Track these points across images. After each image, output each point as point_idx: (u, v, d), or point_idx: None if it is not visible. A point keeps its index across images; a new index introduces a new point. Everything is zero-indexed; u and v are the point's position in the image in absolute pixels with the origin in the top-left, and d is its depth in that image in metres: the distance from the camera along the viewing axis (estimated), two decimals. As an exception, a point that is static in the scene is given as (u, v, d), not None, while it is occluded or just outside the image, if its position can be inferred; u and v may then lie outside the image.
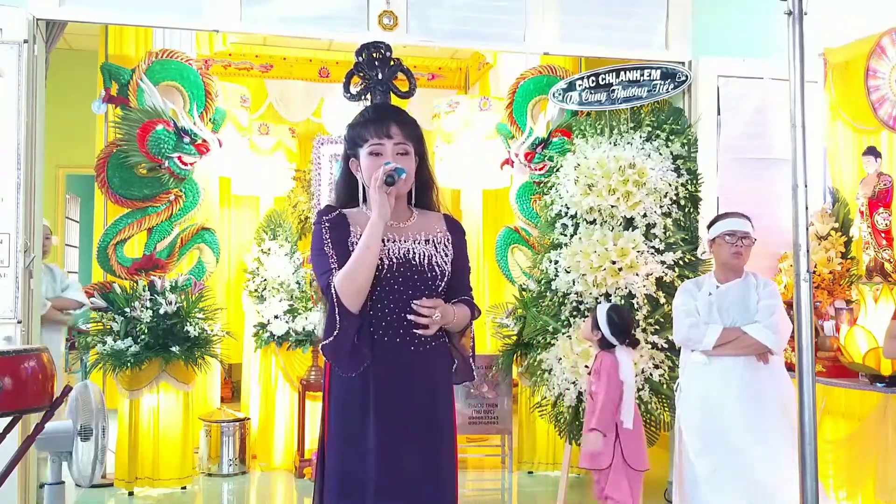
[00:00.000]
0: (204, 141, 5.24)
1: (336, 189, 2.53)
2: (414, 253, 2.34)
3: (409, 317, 2.28)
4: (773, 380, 3.59)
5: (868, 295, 4.27)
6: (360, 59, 2.96)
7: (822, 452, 3.58)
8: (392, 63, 2.95)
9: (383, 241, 2.30)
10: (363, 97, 2.94)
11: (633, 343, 3.86)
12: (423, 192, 2.47)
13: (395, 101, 2.94)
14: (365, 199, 2.40)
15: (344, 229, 2.34)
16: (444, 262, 2.38)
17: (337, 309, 2.24)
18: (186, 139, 5.18)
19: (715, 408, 3.62)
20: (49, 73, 4.55)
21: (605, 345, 3.79)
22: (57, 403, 2.72)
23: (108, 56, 5.25)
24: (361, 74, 2.97)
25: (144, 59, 5.17)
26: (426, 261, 2.34)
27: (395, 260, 2.31)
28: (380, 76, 2.93)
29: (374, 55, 2.93)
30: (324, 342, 2.29)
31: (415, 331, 2.28)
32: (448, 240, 2.42)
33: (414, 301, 2.29)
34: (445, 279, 2.38)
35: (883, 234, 4.44)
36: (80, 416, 2.78)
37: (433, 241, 2.39)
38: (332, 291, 2.24)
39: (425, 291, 2.32)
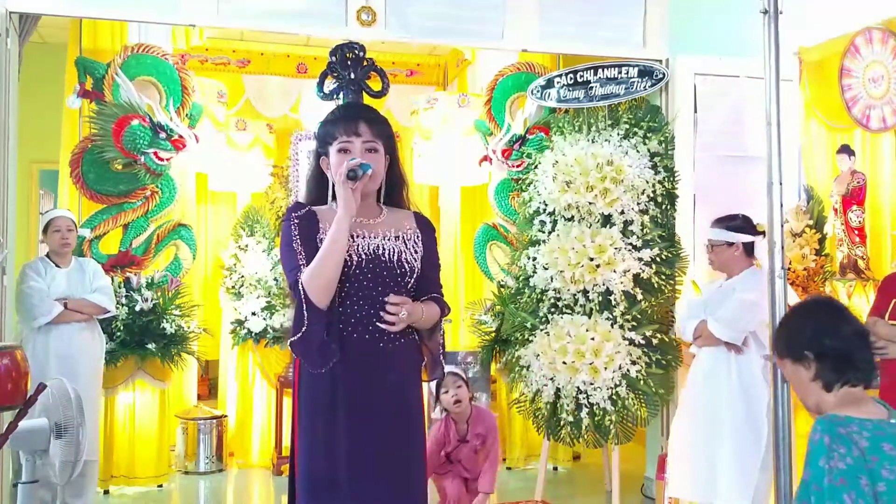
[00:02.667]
0: (180, 136, 5.20)
1: (307, 186, 2.53)
2: (384, 249, 2.35)
3: (382, 314, 2.28)
4: (738, 371, 3.73)
5: (842, 291, 4.33)
6: (334, 58, 2.98)
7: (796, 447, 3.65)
8: (365, 63, 2.97)
9: (353, 236, 2.30)
10: (336, 96, 2.95)
11: None
12: (393, 190, 2.49)
13: (367, 100, 2.94)
14: (335, 197, 2.40)
15: (313, 226, 2.34)
16: (414, 258, 2.39)
17: (304, 305, 2.24)
18: (162, 135, 5.13)
19: (694, 394, 3.93)
20: (22, 66, 4.49)
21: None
22: (31, 402, 2.69)
23: (83, 50, 5.19)
24: (335, 74, 2.98)
25: (120, 54, 5.12)
26: (395, 257, 2.35)
27: (364, 256, 2.31)
28: (352, 76, 2.94)
29: (348, 55, 2.95)
30: (292, 338, 2.28)
31: (379, 324, 2.29)
32: (418, 237, 2.43)
33: (386, 298, 2.30)
34: (415, 276, 2.39)
35: (856, 231, 4.50)
36: (55, 414, 2.75)
37: (403, 237, 2.40)
38: (300, 288, 2.24)
39: (394, 288, 2.33)
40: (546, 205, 4.79)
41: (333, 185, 2.39)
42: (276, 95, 7.07)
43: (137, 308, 4.97)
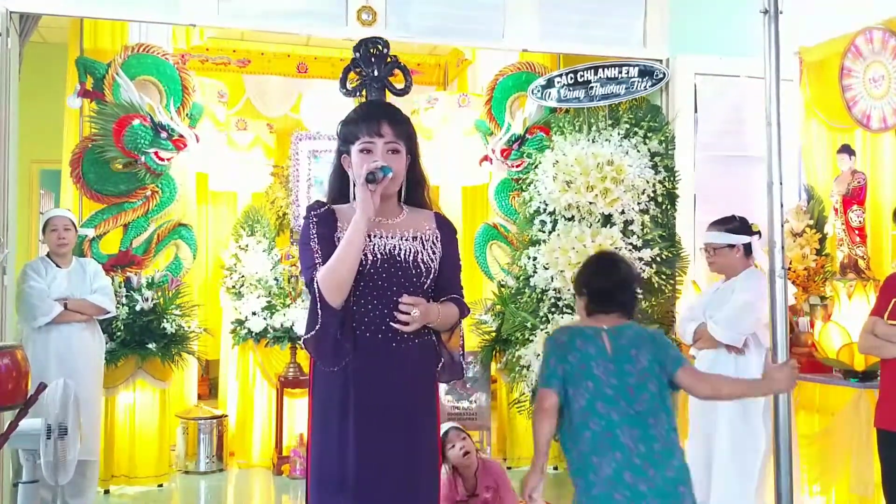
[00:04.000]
0: (181, 136, 5.20)
1: (329, 184, 2.52)
2: (400, 249, 2.34)
3: (395, 313, 2.28)
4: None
5: (842, 291, 4.32)
6: (357, 54, 2.96)
7: (796, 447, 3.65)
8: (389, 60, 2.96)
9: (370, 236, 2.30)
10: (358, 93, 2.94)
11: None
12: (414, 190, 2.47)
13: (389, 97, 2.93)
14: (356, 196, 2.40)
15: (331, 225, 2.34)
16: (431, 259, 2.38)
17: (318, 303, 2.25)
18: (164, 134, 5.13)
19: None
20: (23, 66, 4.49)
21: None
22: (31, 401, 2.70)
23: (84, 50, 5.19)
24: (358, 70, 2.96)
25: (120, 54, 5.12)
26: (411, 257, 2.34)
27: (379, 256, 2.31)
28: (375, 73, 2.93)
29: (371, 51, 2.93)
30: (305, 336, 2.29)
31: (392, 324, 2.29)
32: (437, 238, 2.42)
33: (399, 299, 2.29)
34: (431, 277, 2.38)
35: (856, 231, 4.50)
36: (54, 414, 2.76)
37: (421, 238, 2.39)
38: (315, 286, 2.24)
39: (409, 288, 2.32)
40: (546, 204, 4.79)
41: (355, 184, 2.38)
42: (277, 95, 7.08)
43: (138, 308, 4.97)
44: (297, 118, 6.89)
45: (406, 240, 2.36)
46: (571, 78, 5.01)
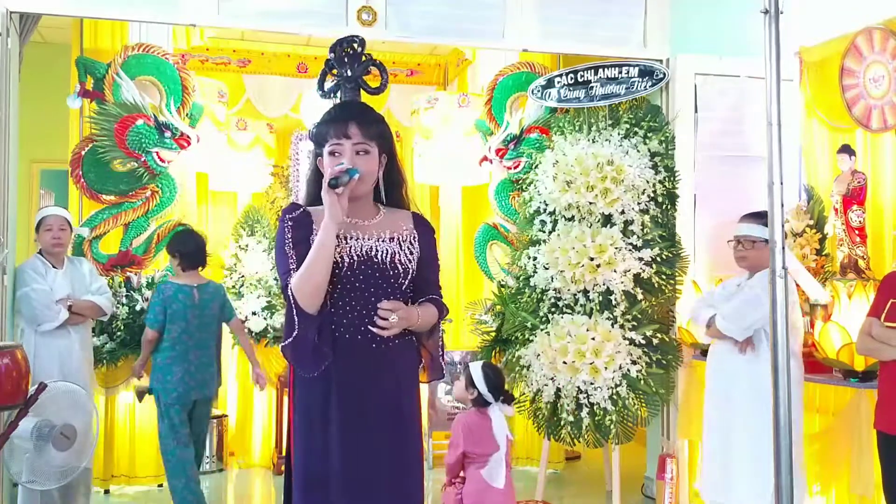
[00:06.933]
0: (184, 135, 5.21)
1: (306, 187, 2.50)
2: (376, 251, 2.32)
3: (374, 319, 2.27)
4: (748, 369, 3.70)
5: (842, 291, 4.31)
6: (332, 55, 2.93)
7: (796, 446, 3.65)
8: (364, 59, 2.92)
9: (346, 238, 2.28)
10: (334, 95, 2.92)
11: (509, 399, 3.64)
12: (391, 190, 2.45)
13: (366, 97, 2.91)
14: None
15: (307, 228, 2.31)
16: (409, 260, 2.36)
17: (294, 310, 2.23)
18: (167, 133, 5.13)
19: (708, 393, 3.96)
20: (23, 66, 4.49)
21: (480, 402, 3.56)
22: (31, 401, 2.70)
23: (84, 50, 5.19)
24: (333, 71, 2.94)
25: (120, 54, 5.12)
26: (388, 258, 2.32)
27: (355, 258, 2.29)
28: (348, 73, 2.88)
29: (346, 50, 2.90)
30: (283, 343, 2.27)
31: (371, 328, 2.27)
32: (414, 238, 2.40)
33: (378, 304, 2.28)
34: (409, 277, 2.36)
35: (857, 231, 4.49)
36: (56, 417, 2.76)
37: (398, 238, 2.37)
38: (290, 292, 2.23)
39: (387, 289, 2.30)
40: (546, 204, 4.80)
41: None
42: (277, 95, 7.07)
43: (137, 308, 4.97)
44: (297, 118, 6.88)
45: (383, 241, 2.34)
46: (571, 78, 5.01)
